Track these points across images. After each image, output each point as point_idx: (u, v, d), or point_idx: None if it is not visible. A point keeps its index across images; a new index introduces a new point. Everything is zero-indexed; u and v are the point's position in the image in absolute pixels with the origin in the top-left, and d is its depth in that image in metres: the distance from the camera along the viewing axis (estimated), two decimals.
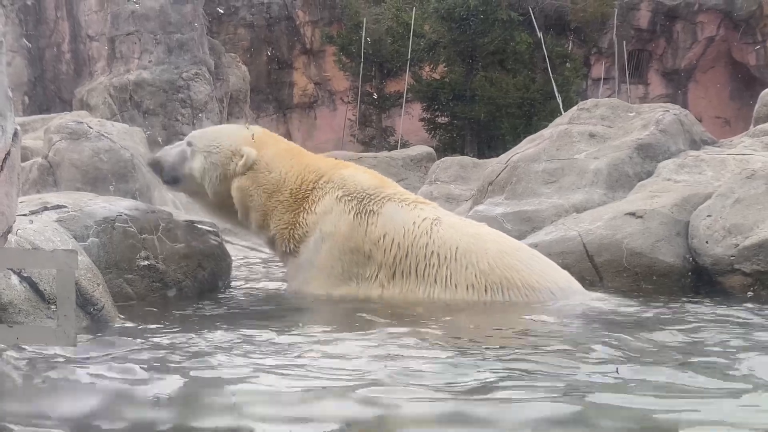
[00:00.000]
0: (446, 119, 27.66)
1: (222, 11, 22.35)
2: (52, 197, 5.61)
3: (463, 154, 22.71)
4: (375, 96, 30.70)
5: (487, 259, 5.60)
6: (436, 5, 25.10)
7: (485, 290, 5.54)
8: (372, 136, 31.12)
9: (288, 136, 34.80)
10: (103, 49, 21.00)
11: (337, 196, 5.90)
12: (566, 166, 8.49)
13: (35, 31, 21.95)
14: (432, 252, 5.65)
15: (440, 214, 5.94)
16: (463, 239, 5.71)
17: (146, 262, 5.64)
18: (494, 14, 24.04)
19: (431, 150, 16.53)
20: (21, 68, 21.71)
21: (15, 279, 3.84)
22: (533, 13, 20.53)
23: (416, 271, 5.66)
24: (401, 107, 26.47)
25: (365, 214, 5.79)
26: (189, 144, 6.36)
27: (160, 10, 20.58)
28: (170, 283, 5.80)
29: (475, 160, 13.04)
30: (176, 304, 5.56)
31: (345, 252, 5.80)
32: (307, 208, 5.99)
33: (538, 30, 19.14)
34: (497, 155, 10.67)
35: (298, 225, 5.99)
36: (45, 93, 22.31)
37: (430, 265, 5.64)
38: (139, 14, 20.49)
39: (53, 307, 4.02)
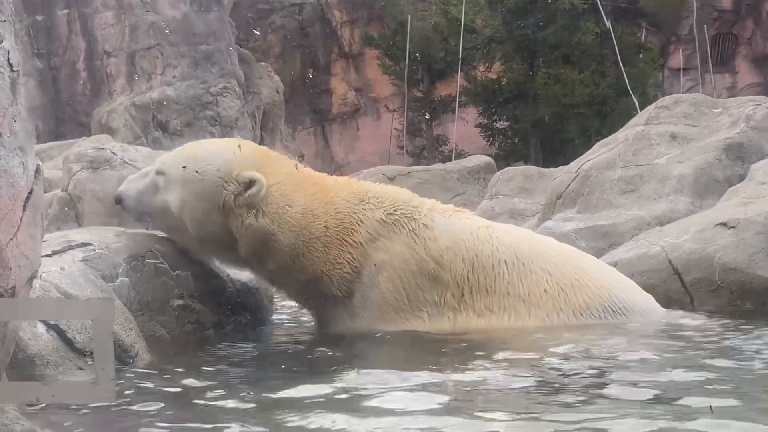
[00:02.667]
0: (506, 124, 27.63)
1: (258, 32, 22.59)
2: (76, 234, 5.74)
3: (527, 162, 22.69)
4: (424, 101, 30.76)
5: (553, 261, 5.68)
6: None
7: (558, 294, 5.58)
8: (422, 146, 31.18)
9: (328, 150, 35.15)
10: (122, 66, 21.43)
11: (380, 218, 5.68)
12: (645, 172, 8.49)
13: (47, 50, 22.48)
14: (498, 260, 5.61)
15: (489, 222, 5.99)
16: (522, 242, 5.77)
17: (180, 302, 5.73)
18: (555, 3, 24.00)
19: (490, 160, 16.57)
20: (33, 90, 22.22)
21: (41, 328, 3.96)
22: (600, 0, 20.49)
23: (486, 285, 5.60)
24: (454, 112, 26.53)
25: (419, 230, 5.63)
26: (159, 172, 5.83)
27: (183, 20, 20.95)
28: (207, 324, 5.89)
29: (541, 169, 13.05)
30: (215, 347, 5.65)
31: (407, 278, 5.62)
32: (348, 240, 5.69)
33: (606, 18, 19.10)
34: (566, 162, 10.67)
35: (344, 263, 5.68)
36: (60, 117, 22.80)
37: (499, 275, 5.60)
38: (160, 25, 20.89)
39: (87, 358, 4.14)
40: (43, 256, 5.06)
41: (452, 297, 5.61)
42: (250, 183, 5.54)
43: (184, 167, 5.70)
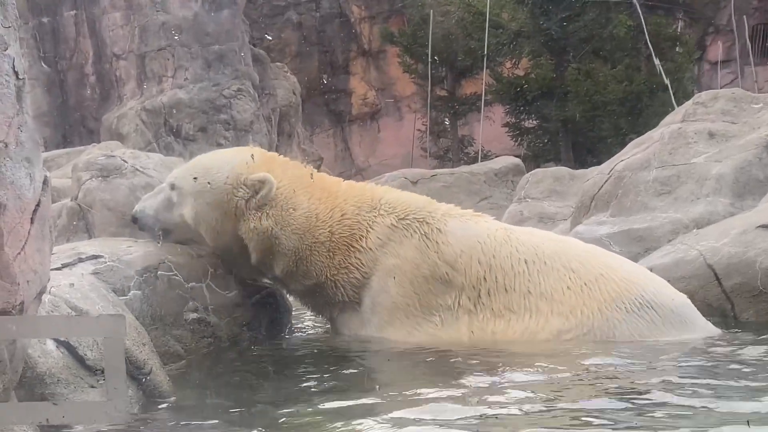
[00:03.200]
0: (534, 122, 27.56)
1: (271, 38, 22.63)
2: (86, 246, 5.80)
3: (557, 163, 22.62)
4: (448, 100, 30.69)
5: (578, 258, 5.78)
6: None
7: (581, 289, 5.65)
8: (447, 147, 31.13)
9: (348, 153, 35.16)
10: (132, 69, 21.55)
11: (391, 223, 5.89)
12: (682, 172, 8.45)
13: (54, 53, 22.62)
14: (518, 260, 5.76)
15: (507, 225, 6.17)
16: (545, 242, 5.91)
17: (195, 315, 5.78)
18: None
19: (518, 161, 16.52)
20: (40, 96, 22.39)
21: (51, 345, 4.00)
22: None
23: (504, 285, 5.74)
24: (479, 112, 26.52)
25: (432, 234, 5.82)
26: (173, 187, 6.16)
27: (194, 20, 21.05)
28: (224, 338, 5.94)
29: (572, 171, 13.02)
30: (232, 362, 5.69)
31: (419, 282, 5.80)
32: (357, 246, 5.91)
33: (639, 9, 19.04)
34: (599, 163, 10.66)
35: (351, 267, 5.91)
36: (69, 122, 22.94)
37: (519, 274, 5.74)
38: (171, 26, 21.00)
39: (98, 375, 4.17)
40: (52, 270, 5.14)
41: (468, 300, 5.76)
42: (261, 184, 5.86)
43: (195, 179, 6.03)
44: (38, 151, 3.44)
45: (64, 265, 5.34)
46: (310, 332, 6.88)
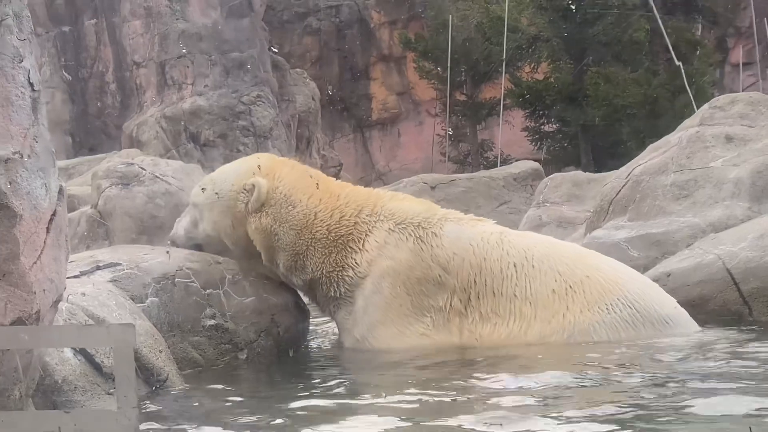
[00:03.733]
0: (554, 127, 27.49)
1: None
2: (104, 254, 5.85)
3: (577, 167, 22.52)
4: (467, 105, 30.64)
5: (566, 261, 5.93)
6: None
7: (566, 292, 5.80)
8: (466, 152, 31.10)
9: (368, 158, 35.18)
10: (152, 76, 21.64)
11: (389, 228, 6.14)
12: (700, 176, 8.41)
13: (75, 61, 22.76)
14: (508, 263, 5.94)
15: (504, 228, 6.26)
16: (537, 245, 6.07)
17: (212, 322, 5.82)
18: None
19: (537, 165, 16.44)
20: (61, 104, 22.51)
21: (68, 352, 4.05)
22: None
23: (493, 288, 5.93)
24: (499, 116, 26.49)
25: (427, 238, 6.05)
26: (194, 205, 6.55)
27: (213, 28, 21.14)
28: (241, 344, 5.96)
29: (591, 175, 12.96)
30: (250, 369, 5.72)
31: (411, 284, 6.01)
32: (354, 247, 6.16)
33: (657, 14, 18.98)
34: (619, 167, 10.59)
35: (347, 266, 6.16)
36: (89, 130, 23.06)
37: (507, 277, 5.91)
38: (190, 33, 21.08)
39: (114, 382, 4.22)
40: (70, 278, 5.20)
41: (459, 302, 5.97)
42: (253, 187, 6.20)
43: (204, 190, 6.44)
44: (53, 162, 3.48)
45: (83, 273, 5.40)
46: (332, 337, 6.90)
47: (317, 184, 6.40)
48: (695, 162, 8.59)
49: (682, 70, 17.45)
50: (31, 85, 3.36)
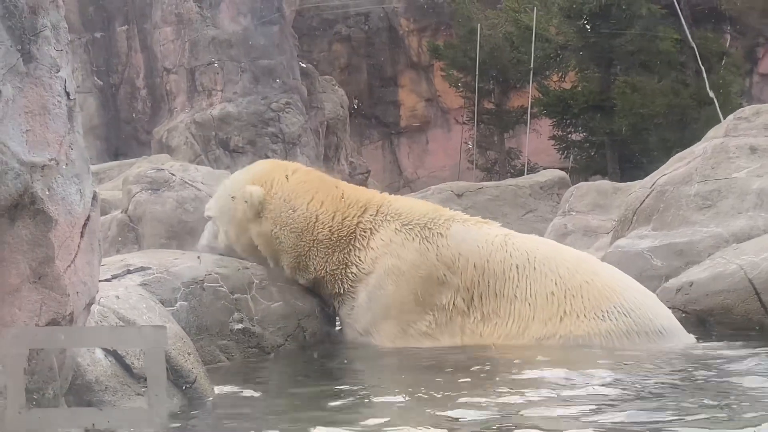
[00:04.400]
0: (581, 136, 27.43)
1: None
2: (135, 258, 5.97)
3: (604, 176, 22.49)
4: (495, 113, 30.61)
5: (567, 265, 6.04)
6: (562, 3, 25.02)
7: (564, 296, 5.92)
8: (494, 160, 31.08)
9: (396, 165, 35.21)
10: (182, 83, 21.83)
11: (396, 227, 6.30)
12: (723, 187, 8.43)
13: (106, 67, 22.98)
14: (510, 265, 6.06)
15: (510, 231, 6.41)
16: (540, 248, 6.20)
17: (240, 326, 5.94)
18: (631, 8, 23.83)
19: (564, 174, 16.44)
20: (93, 109, 22.72)
21: (100, 353, 4.14)
22: (678, 4, 20.32)
23: (495, 289, 6.06)
24: (526, 125, 26.49)
25: (433, 238, 6.20)
26: (208, 218, 6.80)
27: (243, 35, 21.28)
28: (268, 348, 6.07)
29: (616, 184, 12.97)
30: (277, 372, 5.81)
31: (416, 282, 6.17)
32: (358, 245, 6.33)
33: (684, 24, 18.94)
34: (645, 176, 10.59)
35: (350, 263, 6.35)
36: (120, 135, 23.27)
37: (509, 279, 6.04)
38: (220, 40, 21.24)
39: (144, 383, 4.31)
40: (101, 281, 5.30)
41: (462, 301, 6.12)
42: (249, 196, 6.40)
43: (215, 203, 6.71)
44: (88, 168, 3.59)
45: (114, 277, 5.52)
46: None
47: (304, 178, 6.59)
48: (719, 172, 8.60)
49: (705, 78, 17.38)
50: (68, 94, 3.47)
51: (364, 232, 6.34)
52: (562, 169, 19.14)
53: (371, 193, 6.75)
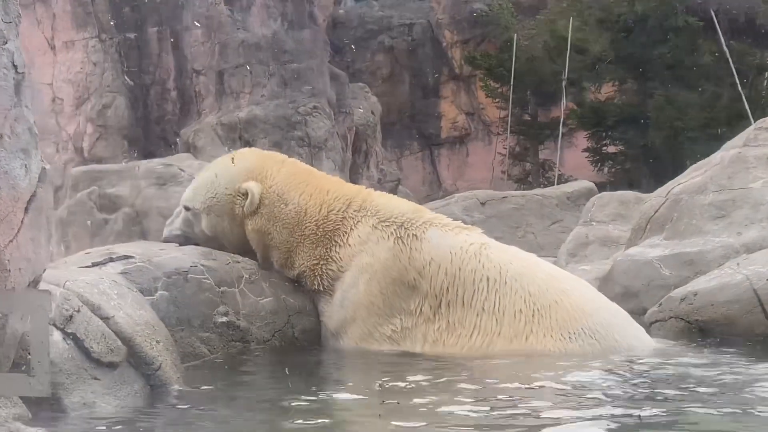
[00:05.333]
0: (616, 148, 27.22)
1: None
2: (121, 247, 5.94)
3: (638, 189, 22.23)
4: (531, 124, 30.48)
5: (538, 282, 5.87)
6: (598, 14, 24.88)
7: (533, 315, 5.76)
8: (528, 171, 30.93)
9: (435, 176, 35.13)
10: (211, 85, 21.97)
11: (373, 224, 6.18)
12: (738, 197, 8.26)
13: (138, 67, 23.17)
14: (481, 276, 5.91)
15: (488, 240, 6.22)
16: (514, 262, 6.01)
17: (224, 319, 5.87)
18: (668, 21, 23.63)
19: (591, 185, 16.28)
20: (122, 109, 22.89)
21: (58, 335, 4.09)
22: (716, 18, 20.07)
23: (463, 299, 5.91)
24: (562, 136, 26.34)
25: (407, 239, 6.08)
26: (186, 209, 6.60)
27: (273, 38, 21.36)
28: (253, 343, 6.00)
29: (639, 195, 12.79)
30: (257, 367, 5.74)
31: (386, 284, 6.05)
32: (338, 240, 6.23)
33: (722, 37, 18.70)
34: None
35: (330, 260, 6.24)
36: (149, 136, 23.42)
37: (478, 290, 5.89)
38: (250, 43, 21.34)
39: (104, 368, 4.26)
40: (82, 268, 5.28)
41: (429, 308, 5.97)
42: (245, 193, 6.31)
43: (202, 194, 6.50)
44: (35, 144, 3.54)
45: (95, 264, 5.48)
46: None
47: (294, 170, 6.52)
48: (735, 182, 8.43)
49: (741, 92, 17.16)
50: (15, 67, 3.42)
51: (346, 227, 6.25)
52: (598, 182, 18.96)
53: (356, 188, 6.66)
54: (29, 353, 3.89)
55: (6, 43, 3.40)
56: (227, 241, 6.46)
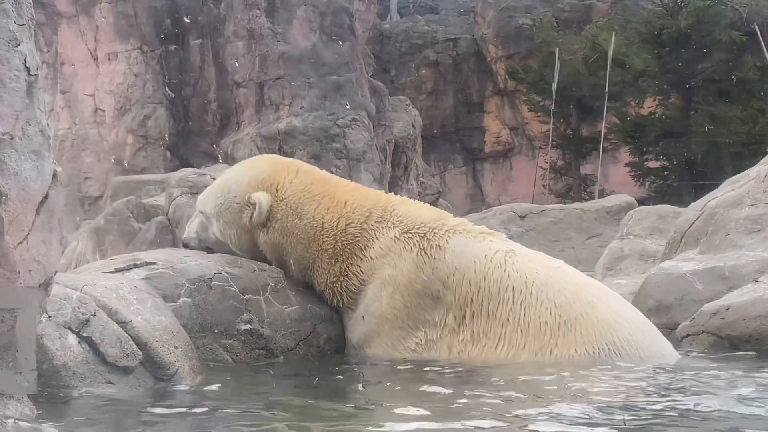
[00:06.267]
0: (658, 163, 27.01)
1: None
2: (145, 254, 5.95)
3: (680, 205, 22.01)
4: (572, 139, 30.34)
5: (565, 293, 5.68)
6: (640, 28, 24.74)
7: (558, 327, 5.60)
8: (569, 186, 30.78)
9: (479, 190, 35.08)
10: (251, 97, 22.11)
11: (395, 235, 5.98)
12: None
13: (179, 79, 23.39)
14: (507, 286, 5.72)
15: (513, 246, 6.03)
16: (541, 271, 5.81)
17: (248, 326, 5.83)
18: (711, 35, 23.44)
19: (631, 199, 16.15)
20: (163, 120, 23.13)
21: (72, 339, 4.10)
22: (760, 32, 19.86)
23: (488, 309, 5.74)
24: (605, 150, 26.17)
25: (430, 250, 5.88)
26: (201, 212, 6.47)
27: (313, 51, 21.48)
28: (277, 351, 5.96)
29: (677, 209, 12.65)
30: (281, 376, 5.70)
31: (410, 296, 5.88)
32: (359, 254, 6.02)
33: (765, 51, 18.49)
34: None
35: (351, 275, 6.05)
36: (189, 147, 23.62)
37: (503, 300, 5.71)
38: (290, 56, 21.45)
39: (119, 372, 4.27)
40: (105, 273, 5.30)
41: (453, 319, 5.80)
42: (254, 204, 6.12)
43: (213, 200, 6.37)
44: (48, 146, 3.54)
45: (118, 270, 5.49)
46: None
47: (309, 180, 6.31)
48: None
49: None
50: (27, 69, 3.43)
51: (366, 240, 6.04)
52: (640, 197, 18.80)
53: (376, 195, 6.38)
54: (46, 359, 3.93)
55: (19, 45, 3.40)
56: (236, 248, 6.31)
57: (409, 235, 5.97)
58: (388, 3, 37.61)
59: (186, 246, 6.56)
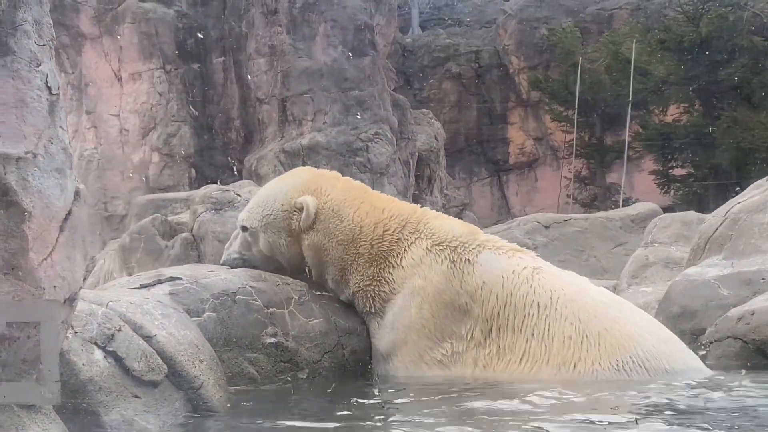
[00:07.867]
0: (683, 171, 26.89)
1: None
2: (171, 270, 6.00)
3: (706, 212, 21.90)
4: (596, 148, 30.27)
5: (588, 308, 5.73)
6: (661, 35, 24.66)
7: (581, 342, 5.62)
8: (594, 195, 30.69)
9: (504, 201, 35.04)
10: (274, 113, 22.22)
11: (427, 246, 6.09)
12: None
13: (202, 97, 23.53)
14: (532, 302, 5.79)
15: (541, 264, 6.08)
16: (566, 288, 5.86)
17: (273, 340, 5.87)
18: (733, 41, 23.34)
19: (656, 207, 16.06)
20: (187, 138, 23.25)
21: (98, 354, 4.15)
22: None
23: (514, 324, 5.80)
24: (629, 159, 26.08)
25: (460, 264, 5.99)
26: (244, 229, 6.55)
27: (334, 65, 21.56)
28: (302, 364, 5.99)
29: (701, 215, 12.57)
30: (308, 390, 5.73)
31: (438, 308, 5.96)
32: (392, 261, 6.15)
33: None
34: None
35: (383, 281, 6.17)
36: (213, 164, 23.73)
37: (528, 316, 5.77)
38: (312, 71, 21.55)
39: (145, 386, 4.31)
40: (131, 289, 5.35)
41: (480, 333, 5.88)
42: (301, 208, 6.29)
43: (259, 213, 6.47)
44: (71, 164, 3.59)
45: (143, 286, 5.53)
46: None
47: (349, 187, 6.49)
48: None
49: None
50: (49, 88, 3.49)
51: (400, 249, 6.18)
52: (666, 205, 18.70)
53: (412, 207, 6.54)
54: (72, 374, 3.97)
55: (40, 65, 3.46)
56: (285, 259, 6.46)
57: (441, 248, 6.08)
58: (409, 17, 37.69)
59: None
